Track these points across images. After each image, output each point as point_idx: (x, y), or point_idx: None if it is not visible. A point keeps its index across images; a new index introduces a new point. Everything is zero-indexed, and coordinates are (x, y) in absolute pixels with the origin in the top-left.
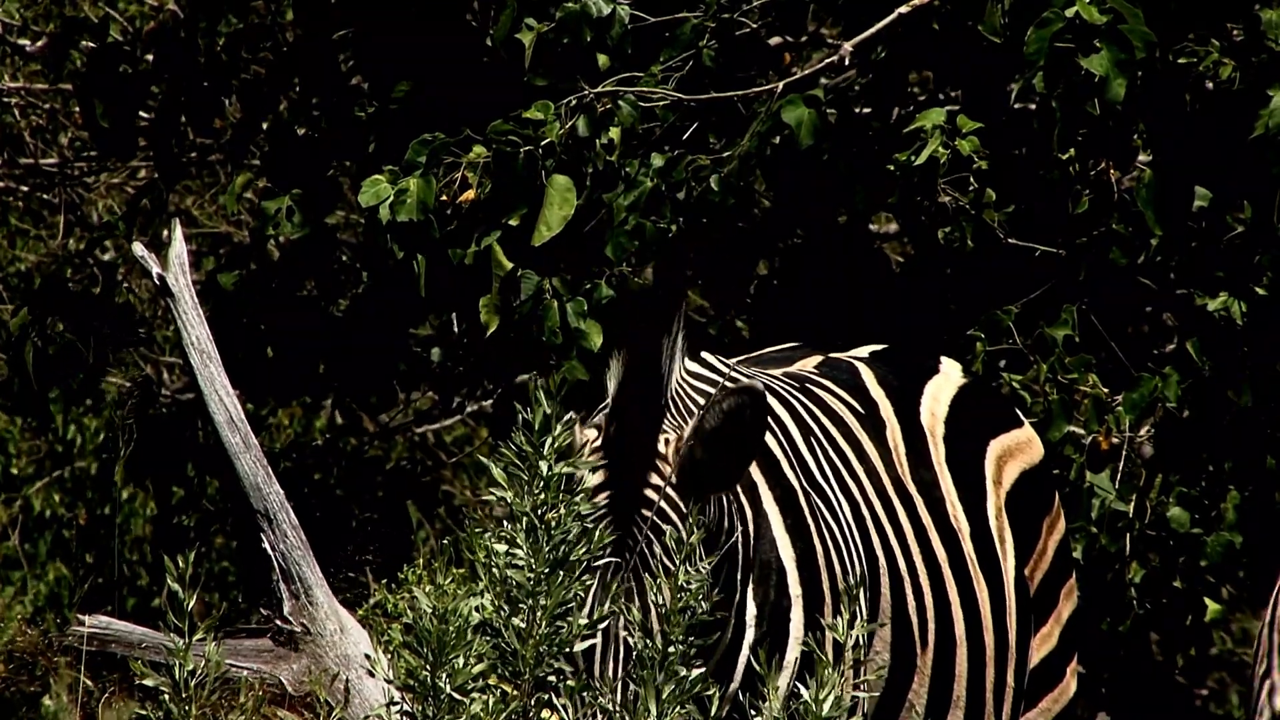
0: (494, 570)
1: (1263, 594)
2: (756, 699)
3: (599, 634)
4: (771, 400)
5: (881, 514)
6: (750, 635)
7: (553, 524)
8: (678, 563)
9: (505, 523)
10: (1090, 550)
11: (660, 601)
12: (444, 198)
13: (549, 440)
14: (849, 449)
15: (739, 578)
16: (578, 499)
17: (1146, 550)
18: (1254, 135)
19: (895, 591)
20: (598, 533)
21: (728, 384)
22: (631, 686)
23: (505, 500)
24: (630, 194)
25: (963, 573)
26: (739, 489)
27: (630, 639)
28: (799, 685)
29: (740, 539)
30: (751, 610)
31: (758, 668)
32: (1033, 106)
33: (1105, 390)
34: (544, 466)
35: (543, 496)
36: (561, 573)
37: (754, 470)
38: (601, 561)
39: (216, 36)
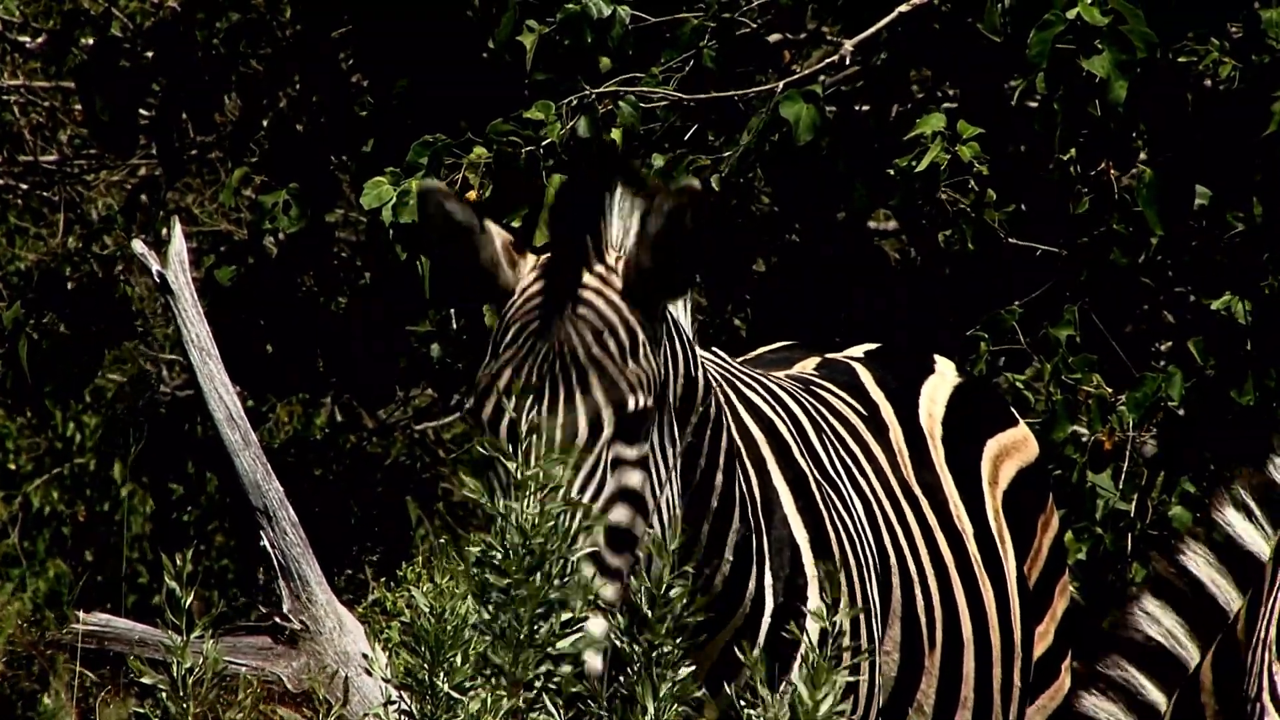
0: (473, 572)
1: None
2: (781, 669)
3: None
4: (785, 397)
5: (891, 515)
6: (770, 605)
7: (528, 525)
8: (664, 564)
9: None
10: (1095, 551)
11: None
12: None
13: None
14: (858, 450)
15: (754, 546)
16: (552, 500)
17: (1148, 550)
18: (1266, 133)
19: (905, 592)
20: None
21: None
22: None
23: (480, 501)
24: None
25: (968, 574)
26: (748, 463)
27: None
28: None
29: (750, 506)
30: (769, 579)
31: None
32: (1033, 105)
33: (1109, 390)
34: (513, 468)
35: (515, 498)
36: (539, 574)
37: (764, 449)
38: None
39: (216, 32)
